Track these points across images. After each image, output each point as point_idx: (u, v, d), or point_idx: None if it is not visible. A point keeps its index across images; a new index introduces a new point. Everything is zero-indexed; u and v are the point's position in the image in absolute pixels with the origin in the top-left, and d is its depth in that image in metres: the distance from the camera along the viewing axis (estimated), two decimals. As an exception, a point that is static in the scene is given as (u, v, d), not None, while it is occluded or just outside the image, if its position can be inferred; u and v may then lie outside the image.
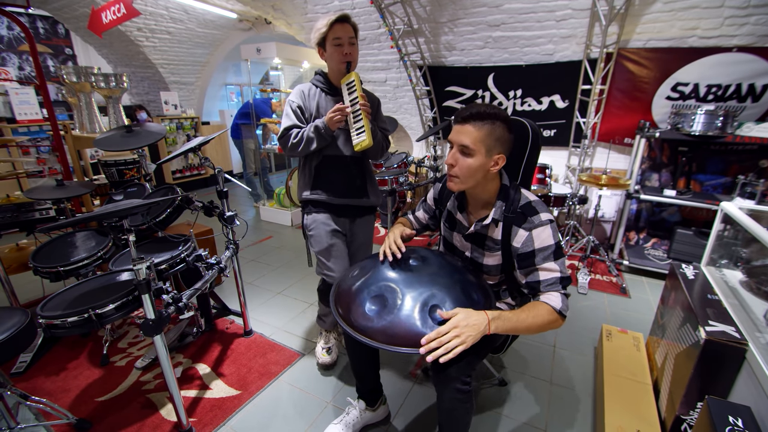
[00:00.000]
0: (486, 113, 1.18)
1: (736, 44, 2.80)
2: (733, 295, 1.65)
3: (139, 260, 1.35)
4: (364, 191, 1.89)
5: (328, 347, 2.10)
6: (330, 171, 1.82)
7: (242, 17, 5.38)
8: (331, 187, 1.82)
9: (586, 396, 1.90)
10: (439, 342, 1.07)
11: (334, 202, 1.84)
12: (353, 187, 1.85)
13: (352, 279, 1.36)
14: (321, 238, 1.84)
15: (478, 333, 1.10)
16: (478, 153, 1.20)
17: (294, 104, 1.76)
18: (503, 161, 1.23)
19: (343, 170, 1.81)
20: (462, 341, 1.07)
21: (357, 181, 1.85)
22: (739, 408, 1.15)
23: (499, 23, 3.36)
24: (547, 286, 1.23)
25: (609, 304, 2.74)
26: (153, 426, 1.70)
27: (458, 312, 1.12)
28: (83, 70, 2.61)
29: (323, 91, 1.79)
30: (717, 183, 3.26)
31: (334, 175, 1.82)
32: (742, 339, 1.30)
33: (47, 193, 2.20)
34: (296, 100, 1.77)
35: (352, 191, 1.85)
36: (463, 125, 1.21)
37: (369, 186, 1.91)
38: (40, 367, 2.09)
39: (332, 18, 1.63)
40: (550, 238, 1.23)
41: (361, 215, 1.94)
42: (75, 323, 1.39)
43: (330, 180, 1.82)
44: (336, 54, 1.67)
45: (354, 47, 1.69)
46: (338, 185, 1.83)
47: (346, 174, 1.82)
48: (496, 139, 1.19)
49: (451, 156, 1.25)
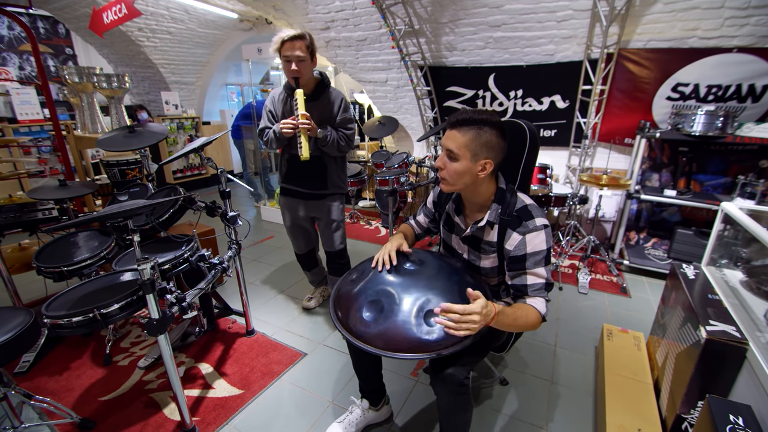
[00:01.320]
0: (473, 119, 1.20)
1: (736, 45, 2.81)
2: (734, 294, 1.66)
3: (144, 260, 1.35)
4: (324, 182, 2.20)
5: (310, 297, 2.70)
6: (293, 166, 2.18)
7: (243, 17, 5.38)
8: (295, 178, 2.21)
9: (586, 395, 1.91)
10: (460, 318, 1.07)
11: (299, 190, 2.23)
12: (312, 179, 2.19)
13: (351, 283, 1.37)
14: (286, 219, 2.38)
15: (485, 323, 1.11)
16: (463, 158, 1.22)
17: (267, 108, 2.15)
18: (491, 166, 1.24)
19: (304, 165, 2.07)
20: (475, 329, 1.08)
21: (317, 174, 2.17)
22: (740, 407, 1.16)
23: (499, 24, 3.37)
24: (534, 291, 1.25)
25: (609, 304, 2.75)
26: (156, 425, 1.71)
27: (481, 297, 1.11)
28: (85, 71, 2.62)
29: (289, 96, 2.08)
30: (717, 183, 3.27)
31: (297, 169, 2.18)
32: (742, 338, 1.31)
33: (50, 193, 2.21)
34: (268, 104, 2.15)
35: (311, 182, 2.20)
36: (451, 130, 1.24)
37: (329, 177, 2.20)
38: (43, 367, 2.10)
39: (284, 36, 1.85)
40: (542, 244, 1.24)
41: (322, 198, 2.24)
42: (80, 323, 1.40)
43: (293, 173, 2.20)
44: (285, 69, 1.93)
45: (303, 63, 1.90)
46: (300, 177, 2.20)
47: (306, 169, 2.14)
48: (481, 145, 1.20)
49: (440, 159, 1.29)
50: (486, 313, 1.10)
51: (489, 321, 1.12)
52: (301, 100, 1.90)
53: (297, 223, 2.35)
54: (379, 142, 5.41)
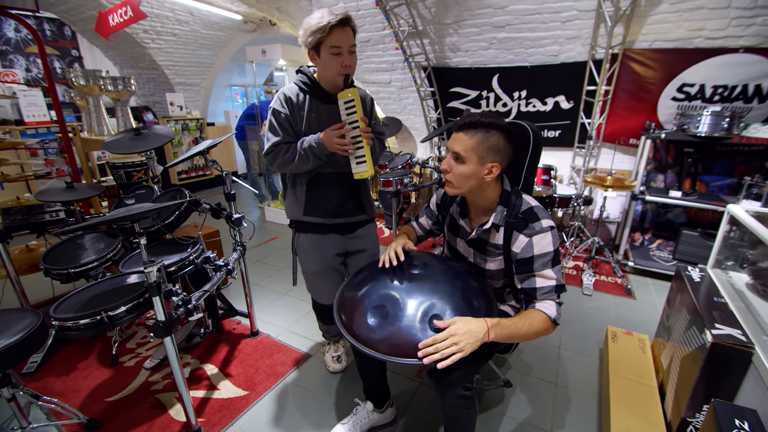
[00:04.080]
0: (481, 123, 1.20)
1: (742, 45, 2.79)
2: (740, 297, 1.65)
3: (150, 263, 1.37)
4: (361, 207, 1.74)
5: (338, 355, 2.08)
6: (324, 189, 1.64)
7: (247, 19, 5.41)
8: (327, 206, 1.66)
9: (591, 398, 1.90)
10: (435, 348, 1.08)
11: (330, 223, 1.69)
12: (349, 205, 1.69)
13: (355, 287, 1.37)
14: (312, 263, 1.76)
15: (476, 341, 1.11)
16: (470, 161, 1.22)
17: (281, 115, 1.53)
18: (498, 170, 1.24)
19: (338, 187, 1.64)
20: (460, 348, 1.08)
21: (353, 196, 1.70)
22: (746, 411, 1.15)
23: (504, 24, 3.36)
24: (543, 294, 1.25)
25: (614, 306, 2.74)
26: (162, 426, 1.73)
27: (456, 321, 1.13)
28: (92, 74, 2.64)
29: (314, 97, 1.55)
30: (723, 184, 3.24)
31: (328, 193, 1.64)
32: (748, 342, 1.30)
33: (57, 195, 2.23)
34: (283, 109, 1.52)
35: (348, 209, 1.70)
36: (458, 133, 1.24)
37: (365, 200, 1.75)
38: (50, 368, 2.12)
39: (332, 20, 1.36)
40: (549, 245, 1.24)
41: (361, 227, 1.79)
42: (87, 325, 1.42)
43: (325, 198, 1.65)
44: (334, 64, 1.43)
45: (354, 56, 1.46)
46: (333, 204, 1.66)
47: (342, 190, 1.65)
48: (489, 148, 1.21)
49: (446, 162, 1.28)
50: (472, 331, 1.10)
51: (482, 337, 1.12)
52: (358, 101, 1.46)
53: (329, 266, 1.76)
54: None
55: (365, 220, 1.79)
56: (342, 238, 1.75)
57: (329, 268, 1.77)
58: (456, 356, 1.08)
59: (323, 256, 1.74)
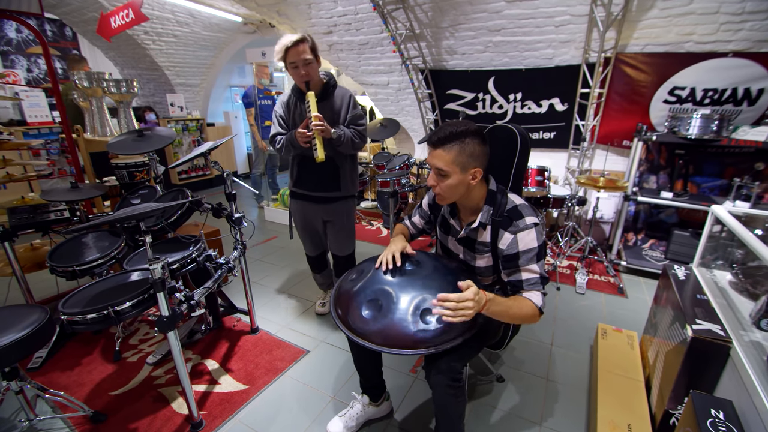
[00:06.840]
0: (453, 134, 1.24)
1: (731, 49, 2.86)
2: (722, 295, 1.71)
3: (155, 260, 1.42)
4: (336, 184, 2.19)
5: (323, 302, 2.70)
6: (305, 168, 2.17)
7: (247, 21, 5.46)
8: (308, 181, 2.20)
9: (580, 392, 1.96)
10: (456, 305, 1.12)
11: (310, 194, 2.22)
12: (325, 182, 2.17)
13: (351, 282, 1.44)
14: (297, 221, 2.38)
15: (479, 309, 1.16)
16: (453, 173, 1.27)
17: (278, 114, 2.13)
18: (480, 173, 1.30)
19: (316, 168, 2.05)
20: (470, 315, 1.13)
21: (329, 176, 2.16)
22: (722, 402, 1.22)
23: (499, 28, 3.43)
24: (530, 285, 1.32)
25: (606, 304, 2.81)
26: (165, 419, 1.78)
27: (472, 285, 1.16)
28: (95, 76, 2.69)
29: (297, 98, 2.08)
30: (714, 185, 3.31)
31: (309, 172, 2.17)
32: (726, 337, 1.36)
33: (62, 195, 2.28)
34: (278, 109, 2.13)
35: (324, 185, 2.18)
36: (435, 150, 1.28)
37: (342, 179, 2.19)
38: (55, 363, 2.17)
39: (287, 44, 1.84)
40: (533, 241, 1.30)
41: (334, 201, 2.23)
42: (94, 319, 1.47)
43: (306, 176, 2.19)
44: (295, 75, 1.93)
45: (310, 66, 1.90)
46: (313, 180, 2.18)
47: (319, 171, 2.11)
48: (468, 156, 1.26)
49: (431, 178, 1.34)
50: (478, 300, 1.15)
51: (481, 307, 1.17)
52: (313, 101, 1.90)
53: (309, 226, 2.35)
54: (381, 143, 5.47)
55: (340, 197, 2.23)
56: (320, 207, 2.25)
57: (310, 227, 2.37)
58: (462, 318, 1.12)
59: (306, 219, 2.34)
